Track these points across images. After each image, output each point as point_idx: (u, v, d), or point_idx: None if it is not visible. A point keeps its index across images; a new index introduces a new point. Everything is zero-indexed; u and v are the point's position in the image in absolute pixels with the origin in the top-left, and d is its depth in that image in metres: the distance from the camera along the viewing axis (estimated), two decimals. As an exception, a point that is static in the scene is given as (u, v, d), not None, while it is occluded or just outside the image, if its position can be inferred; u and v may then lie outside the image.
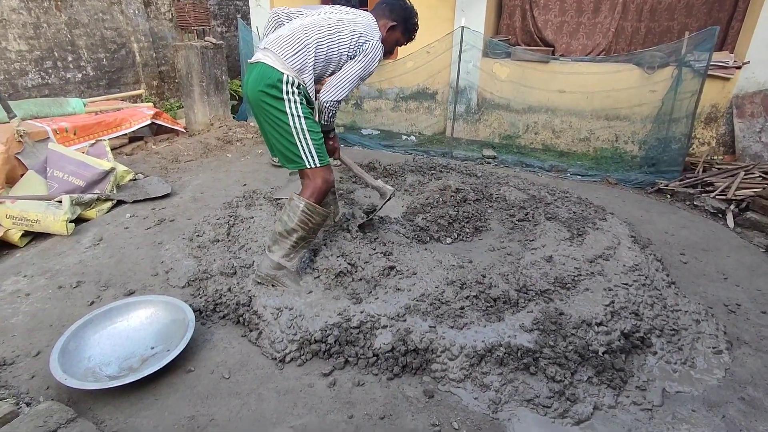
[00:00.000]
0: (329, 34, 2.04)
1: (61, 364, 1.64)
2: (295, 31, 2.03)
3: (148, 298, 2.05)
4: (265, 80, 1.95)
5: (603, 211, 3.02)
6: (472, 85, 4.89)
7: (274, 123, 2.00)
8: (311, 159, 2.05)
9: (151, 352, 1.82)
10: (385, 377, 1.76)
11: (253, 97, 2.01)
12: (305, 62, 2.00)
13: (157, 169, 3.87)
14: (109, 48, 6.00)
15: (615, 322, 1.95)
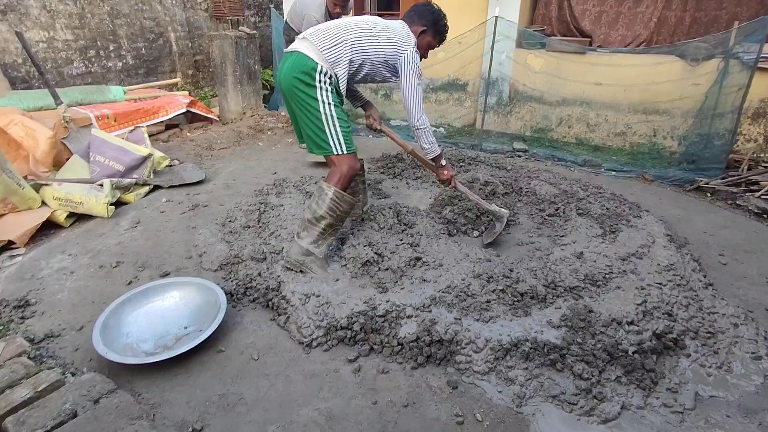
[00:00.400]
0: (366, 36, 2.14)
1: (102, 338, 1.73)
2: (333, 26, 2.15)
3: (183, 279, 2.13)
4: (300, 68, 2.04)
5: (638, 209, 2.93)
6: (505, 77, 4.79)
7: (305, 109, 2.09)
8: (338, 145, 2.13)
9: (185, 332, 1.90)
10: (410, 366, 1.78)
11: (287, 83, 2.10)
12: (340, 56, 2.08)
13: (191, 156, 3.98)
14: (147, 37, 6.18)
15: (647, 322, 1.90)
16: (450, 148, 4.32)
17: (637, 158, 4.20)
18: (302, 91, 2.06)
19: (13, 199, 2.61)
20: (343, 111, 2.17)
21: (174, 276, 2.29)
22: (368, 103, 2.54)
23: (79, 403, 1.47)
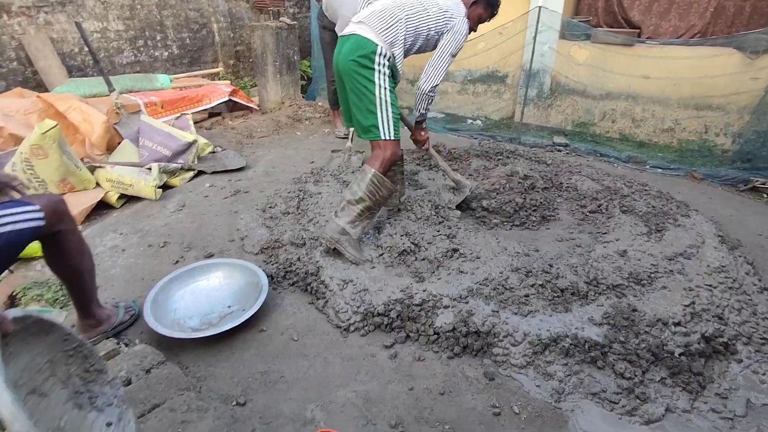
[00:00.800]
0: (418, 11, 2.19)
1: (152, 313, 1.82)
2: (388, 6, 2.18)
3: (227, 261, 2.21)
4: (360, 50, 2.09)
5: (686, 208, 2.81)
6: (546, 69, 4.67)
7: (360, 92, 2.14)
8: (387, 131, 2.17)
9: (228, 311, 1.97)
10: (446, 355, 1.78)
11: (345, 66, 2.14)
12: (396, 36, 2.14)
13: (233, 144, 4.10)
14: (192, 28, 6.37)
15: (695, 324, 1.83)
16: (487, 141, 4.26)
17: (685, 155, 4.01)
18: (360, 74, 2.10)
19: (71, 179, 2.76)
20: (395, 96, 2.21)
21: (218, 257, 2.37)
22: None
23: (132, 372, 1.56)
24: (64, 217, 1.49)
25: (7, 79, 4.43)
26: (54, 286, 2.08)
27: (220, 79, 5.80)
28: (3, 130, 2.97)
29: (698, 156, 3.98)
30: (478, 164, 3.46)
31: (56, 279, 2.10)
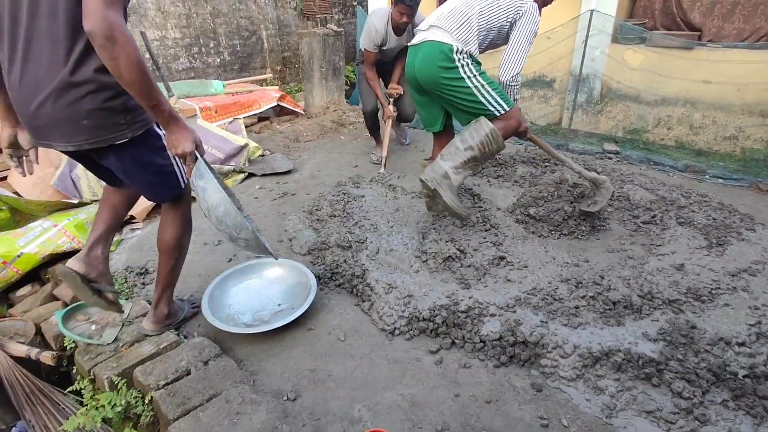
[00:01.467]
0: (489, 3, 2.19)
1: (209, 307, 1.91)
2: (456, 6, 2.18)
3: (278, 260, 2.27)
4: (437, 54, 2.09)
5: (751, 221, 2.64)
6: (597, 73, 4.53)
7: (453, 93, 2.15)
8: (499, 106, 2.18)
9: (278, 308, 2.04)
10: (492, 364, 1.77)
11: (426, 76, 2.16)
12: (470, 33, 2.14)
13: (280, 147, 4.24)
14: (242, 35, 6.64)
15: (761, 345, 1.72)
16: (533, 147, 4.18)
17: (749, 165, 3.77)
18: (446, 78, 2.11)
19: (134, 179, 2.96)
20: (488, 75, 2.22)
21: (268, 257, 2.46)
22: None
23: (192, 363, 1.66)
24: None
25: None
26: (120, 278, 2.24)
27: (269, 85, 6.01)
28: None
29: (764, 166, 3.73)
30: (524, 171, 3.40)
31: (121, 273, 2.26)
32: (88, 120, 1.29)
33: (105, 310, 1.75)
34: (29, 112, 1.30)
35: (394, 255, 2.34)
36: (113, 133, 1.34)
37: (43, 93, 1.26)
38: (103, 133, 1.33)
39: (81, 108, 1.27)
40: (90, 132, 1.32)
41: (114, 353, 1.68)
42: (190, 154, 1.36)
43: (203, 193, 1.48)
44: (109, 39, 1.11)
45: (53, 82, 1.24)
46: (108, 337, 1.74)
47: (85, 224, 2.44)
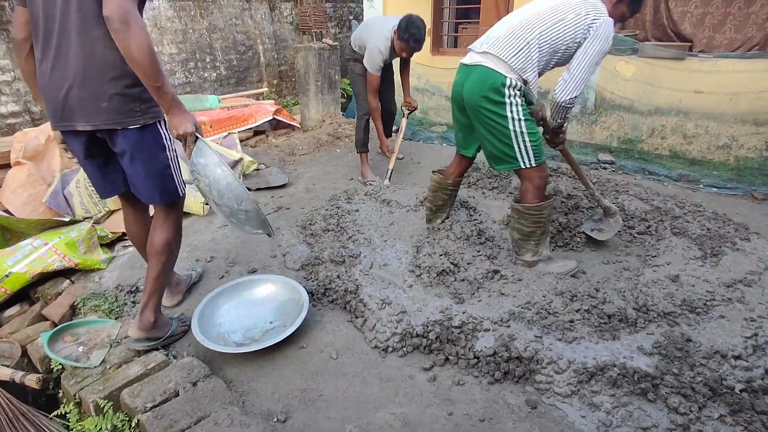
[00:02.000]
0: (553, 24, 1.94)
1: (199, 326, 1.89)
2: (514, 29, 1.97)
3: (270, 277, 2.26)
4: (487, 84, 1.95)
5: (745, 230, 2.63)
6: (590, 84, 4.55)
7: (490, 127, 2.03)
8: (527, 159, 2.04)
9: (270, 326, 2.02)
10: (486, 381, 1.74)
11: (471, 101, 2.03)
12: (528, 60, 1.94)
13: (276, 161, 4.24)
14: (239, 50, 6.70)
15: (758, 358, 1.70)
16: (528, 159, 4.19)
17: (743, 174, 3.77)
18: (489, 110, 1.98)
19: (127, 195, 2.95)
20: (533, 122, 2.05)
21: (260, 273, 2.44)
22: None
23: (180, 384, 1.63)
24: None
25: (73, 101, 4.81)
26: (110, 297, 2.21)
27: (265, 99, 6.04)
28: (70, 150, 3.22)
29: (758, 174, 3.74)
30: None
31: (111, 291, 2.24)
32: (109, 103, 1.49)
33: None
34: (60, 96, 1.48)
35: (387, 270, 2.32)
36: (128, 117, 1.53)
37: (72, 79, 1.45)
38: (119, 117, 1.52)
39: (104, 91, 1.47)
40: (108, 114, 1.50)
41: (101, 375, 1.65)
42: (190, 134, 1.53)
43: (204, 169, 1.60)
44: (124, 23, 1.31)
45: (81, 69, 1.44)
46: (95, 359, 1.71)
47: (77, 242, 2.42)
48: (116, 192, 1.77)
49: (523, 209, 2.10)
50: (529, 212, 2.11)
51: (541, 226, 2.16)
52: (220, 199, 1.65)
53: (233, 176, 1.63)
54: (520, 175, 2.12)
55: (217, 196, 1.64)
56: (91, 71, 1.45)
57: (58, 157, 3.08)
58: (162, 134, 1.65)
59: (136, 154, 1.59)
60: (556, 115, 2.13)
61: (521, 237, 2.19)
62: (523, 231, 2.14)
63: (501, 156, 2.07)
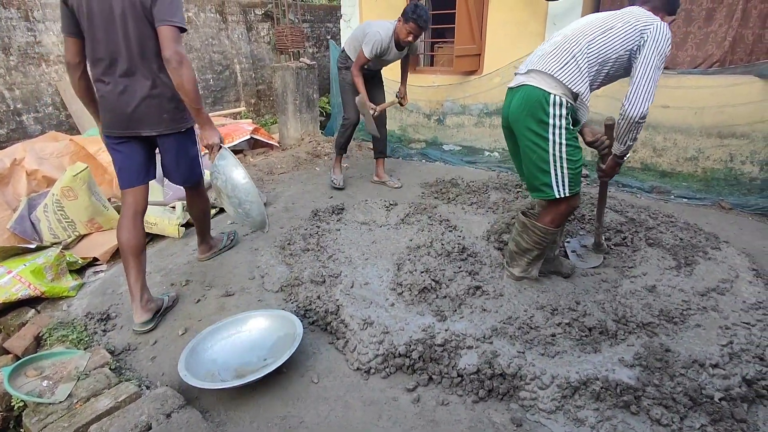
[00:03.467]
0: (599, 34, 1.88)
1: (186, 363, 1.75)
2: (559, 44, 1.91)
3: (268, 312, 2.10)
4: (532, 103, 1.87)
5: (716, 239, 2.71)
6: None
7: (530, 150, 1.95)
8: (562, 189, 1.94)
9: (263, 364, 1.87)
10: (470, 400, 1.72)
11: (516, 124, 1.97)
12: (578, 71, 1.85)
13: (254, 181, 4.16)
14: (215, 69, 6.67)
15: (734, 366, 1.73)
16: (506, 173, 4.26)
17: (711, 184, 3.91)
18: (533, 131, 1.90)
19: (99, 219, 2.85)
20: (576, 148, 1.94)
21: (238, 295, 2.38)
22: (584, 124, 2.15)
23: (153, 416, 1.55)
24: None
25: (42, 123, 4.69)
26: (79, 326, 2.12)
27: (242, 118, 6.00)
28: (37, 173, 3.11)
29: (725, 185, 3.88)
30: (497, 197, 3.44)
31: (80, 320, 2.15)
32: (167, 114, 2.04)
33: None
34: (128, 111, 1.97)
35: (369, 288, 2.29)
36: (179, 124, 2.11)
37: (139, 98, 1.96)
38: (173, 124, 2.08)
39: (163, 107, 2.02)
40: (167, 123, 2.06)
41: (66, 411, 1.56)
42: (216, 144, 2.08)
43: (223, 168, 2.09)
44: (179, 63, 1.82)
45: (147, 90, 1.96)
46: (61, 394, 1.62)
47: (44, 269, 2.32)
48: (147, 180, 2.20)
49: (529, 225, 2.05)
50: (534, 230, 2.06)
51: (540, 248, 2.13)
52: (232, 191, 2.11)
53: (245, 174, 2.11)
54: (548, 202, 2.04)
55: (231, 189, 2.10)
56: (155, 93, 1.97)
57: (24, 181, 2.98)
58: (194, 132, 2.24)
59: (180, 150, 2.18)
60: (627, 135, 1.99)
61: (517, 250, 2.17)
62: (521, 245, 2.12)
63: (537, 184, 1.98)
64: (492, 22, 4.91)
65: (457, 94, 5.36)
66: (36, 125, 4.63)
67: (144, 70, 1.93)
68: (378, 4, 5.61)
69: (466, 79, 5.23)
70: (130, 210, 2.13)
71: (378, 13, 5.63)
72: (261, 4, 7.21)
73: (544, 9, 4.55)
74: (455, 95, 5.38)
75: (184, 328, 2.13)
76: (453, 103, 5.45)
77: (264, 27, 7.33)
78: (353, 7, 5.83)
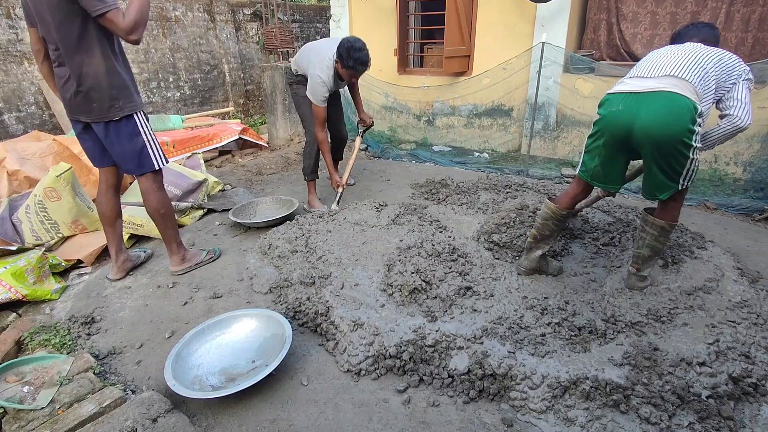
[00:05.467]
0: (712, 55, 1.90)
1: (173, 369, 1.72)
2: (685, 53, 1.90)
3: (254, 311, 2.09)
4: (686, 113, 1.77)
5: (701, 239, 2.75)
6: (551, 102, 4.73)
7: (673, 158, 1.86)
8: (687, 181, 1.96)
9: (252, 366, 1.85)
10: (461, 400, 1.71)
11: (665, 131, 1.81)
12: (708, 88, 1.85)
13: (243, 181, 4.15)
14: (203, 69, 6.60)
15: (721, 364, 1.75)
16: (495, 174, 4.27)
17: (696, 185, 3.97)
18: (684, 143, 1.80)
19: (83, 220, 2.79)
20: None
21: (226, 297, 2.35)
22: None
23: (139, 421, 1.52)
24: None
25: (25, 123, 4.59)
26: (62, 330, 2.07)
27: (231, 118, 5.95)
28: (19, 173, 3.04)
29: (709, 185, 3.95)
30: (487, 197, 3.45)
31: (63, 323, 2.10)
32: (96, 104, 2.07)
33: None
34: (68, 98, 2.10)
35: (359, 290, 2.28)
36: (108, 113, 2.10)
37: (72, 88, 2.05)
38: (102, 112, 2.09)
39: (90, 97, 2.06)
40: (97, 112, 2.09)
41: (48, 417, 1.52)
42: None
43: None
44: (135, 28, 1.91)
45: (74, 81, 2.03)
46: (43, 399, 1.57)
47: (25, 271, 2.26)
48: (107, 164, 2.33)
49: (668, 227, 2.08)
50: (671, 229, 2.10)
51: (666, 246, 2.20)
52: None
53: None
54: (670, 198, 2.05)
55: None
56: (81, 83, 2.02)
57: (5, 181, 2.91)
58: (134, 122, 2.18)
59: (115, 138, 2.16)
60: (720, 139, 2.05)
61: (653, 254, 2.16)
62: (658, 248, 2.13)
63: (669, 183, 1.96)
64: (481, 24, 4.93)
65: (447, 95, 5.37)
66: (18, 125, 4.53)
67: (69, 61, 1.99)
68: (367, 4, 5.60)
69: (456, 80, 5.24)
70: (103, 185, 2.40)
71: (367, 13, 5.62)
72: (250, 4, 7.16)
73: (532, 11, 4.59)
74: (445, 96, 5.40)
75: (171, 331, 2.09)
76: (443, 104, 5.46)
77: (253, 27, 7.27)
78: (342, 7, 5.81)
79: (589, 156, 2.13)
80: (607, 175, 2.11)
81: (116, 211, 2.45)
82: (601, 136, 2.03)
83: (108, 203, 2.40)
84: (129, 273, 2.58)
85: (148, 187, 2.33)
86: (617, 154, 2.04)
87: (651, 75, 1.90)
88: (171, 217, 2.47)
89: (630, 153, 2.03)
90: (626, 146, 1.98)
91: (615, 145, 2.00)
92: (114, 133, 2.15)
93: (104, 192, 2.40)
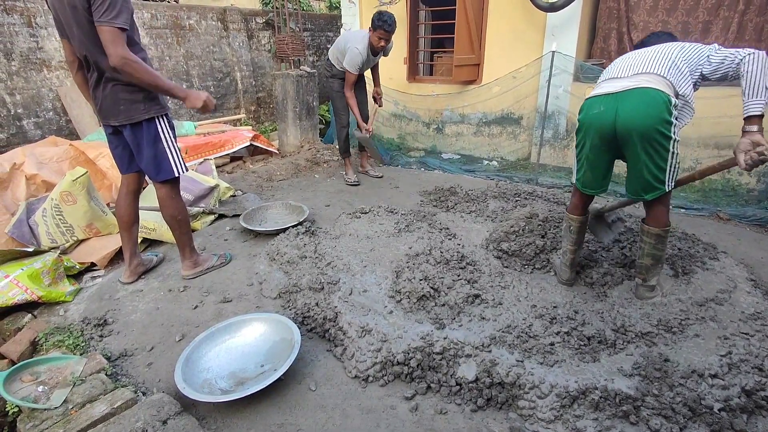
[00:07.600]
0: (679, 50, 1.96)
1: (183, 372, 1.74)
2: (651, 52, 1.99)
3: (262, 315, 2.11)
4: (660, 104, 1.85)
5: (714, 250, 2.72)
6: (562, 110, 4.72)
7: (654, 151, 1.92)
8: (671, 182, 2.00)
9: (261, 370, 1.87)
10: (469, 408, 1.71)
11: (641, 125, 1.89)
12: (680, 74, 1.91)
13: (253, 187, 4.19)
14: (216, 76, 6.71)
15: (734, 376, 1.72)
16: (504, 182, 4.27)
17: (709, 195, 3.93)
18: (661, 133, 1.87)
19: (97, 224, 2.85)
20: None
21: (236, 302, 2.37)
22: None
23: (149, 423, 1.54)
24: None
25: (42, 128, 4.69)
26: (76, 331, 2.10)
27: (242, 125, 6.02)
28: (36, 177, 3.11)
29: (722, 195, 3.90)
30: (496, 206, 3.45)
31: (77, 325, 2.14)
32: (123, 106, 2.13)
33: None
34: (99, 103, 2.18)
35: (367, 296, 2.29)
36: (133, 114, 2.15)
37: (102, 92, 2.13)
38: (128, 114, 2.15)
39: (117, 99, 2.12)
40: (124, 114, 2.15)
41: (62, 417, 1.54)
42: (205, 99, 2.25)
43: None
44: (123, 65, 1.91)
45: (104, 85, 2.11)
46: (56, 399, 1.60)
47: (41, 273, 2.31)
48: (132, 170, 2.41)
49: (663, 233, 2.09)
50: (666, 235, 2.11)
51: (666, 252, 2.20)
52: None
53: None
54: (657, 201, 2.07)
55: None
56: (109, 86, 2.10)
57: (23, 185, 2.98)
58: (158, 125, 2.23)
59: (139, 141, 2.22)
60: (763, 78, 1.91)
61: (655, 262, 2.16)
62: (658, 255, 2.13)
63: (653, 183, 1.98)
64: (491, 33, 4.96)
65: (456, 103, 5.40)
66: (36, 130, 4.64)
67: (98, 68, 2.07)
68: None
69: (465, 89, 5.27)
70: (124, 189, 2.47)
71: (378, 22, 5.68)
72: (262, 13, 7.27)
73: (542, 20, 4.60)
74: (454, 104, 5.42)
75: (181, 335, 2.12)
76: (452, 112, 5.48)
77: (265, 35, 7.38)
78: (353, 16, 5.89)
79: (578, 164, 2.24)
80: (595, 179, 2.20)
81: (134, 216, 2.51)
82: (586, 140, 2.12)
83: (127, 207, 2.46)
84: (141, 276, 2.63)
85: (165, 193, 2.37)
86: (603, 155, 2.11)
87: (624, 75, 2.00)
88: (186, 223, 2.50)
89: (615, 152, 2.10)
90: (612, 145, 2.06)
91: (602, 145, 2.07)
92: (138, 136, 2.20)
93: (124, 196, 2.46)
